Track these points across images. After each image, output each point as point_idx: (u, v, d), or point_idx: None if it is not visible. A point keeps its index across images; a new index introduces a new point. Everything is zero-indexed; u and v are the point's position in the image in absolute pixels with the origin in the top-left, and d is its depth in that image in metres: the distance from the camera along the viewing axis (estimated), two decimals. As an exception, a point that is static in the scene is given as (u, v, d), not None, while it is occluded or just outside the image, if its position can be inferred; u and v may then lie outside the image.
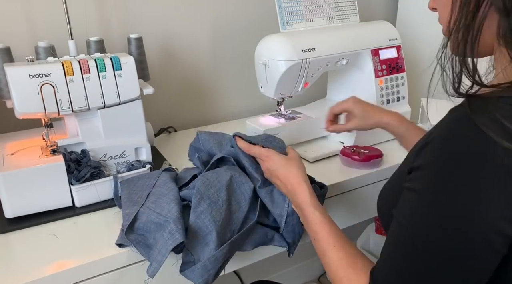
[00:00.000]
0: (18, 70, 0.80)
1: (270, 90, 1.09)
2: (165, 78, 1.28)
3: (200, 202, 0.76)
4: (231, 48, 1.36)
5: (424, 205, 0.53)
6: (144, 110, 0.93)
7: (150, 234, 0.75)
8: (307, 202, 0.74)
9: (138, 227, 0.75)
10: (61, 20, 0.97)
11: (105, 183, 0.87)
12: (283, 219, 0.81)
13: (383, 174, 1.04)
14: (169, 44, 1.26)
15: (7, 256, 0.74)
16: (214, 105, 1.39)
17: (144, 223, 0.75)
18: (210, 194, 0.77)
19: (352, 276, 0.62)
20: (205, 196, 0.77)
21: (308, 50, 1.04)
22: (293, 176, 0.77)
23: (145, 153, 0.94)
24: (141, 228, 0.75)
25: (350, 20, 1.18)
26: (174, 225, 0.72)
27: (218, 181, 0.80)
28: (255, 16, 1.36)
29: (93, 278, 0.73)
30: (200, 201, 0.76)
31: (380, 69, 1.17)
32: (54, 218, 0.83)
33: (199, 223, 0.74)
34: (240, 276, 1.59)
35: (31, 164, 0.81)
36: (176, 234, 0.71)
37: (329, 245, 0.67)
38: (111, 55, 0.89)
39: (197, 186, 0.78)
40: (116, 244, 0.74)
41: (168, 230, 0.72)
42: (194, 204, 0.76)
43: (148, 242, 0.74)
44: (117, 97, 0.89)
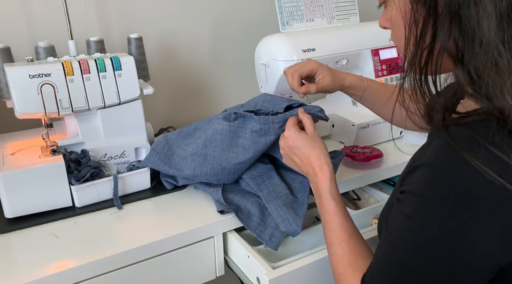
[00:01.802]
0: (18, 70, 0.80)
1: (270, 90, 1.09)
2: (165, 78, 1.27)
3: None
4: (231, 48, 1.36)
5: (412, 230, 0.53)
6: (144, 110, 0.93)
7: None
8: (326, 189, 0.72)
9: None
10: (61, 20, 0.97)
11: (105, 183, 0.87)
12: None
13: (383, 174, 1.04)
14: (169, 44, 1.26)
15: (7, 256, 0.74)
16: (214, 105, 1.39)
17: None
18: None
19: (350, 276, 0.63)
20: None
21: (308, 50, 1.04)
22: (316, 158, 0.75)
23: (145, 153, 0.94)
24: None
25: (350, 20, 1.18)
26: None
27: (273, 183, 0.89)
28: (255, 16, 1.36)
29: (93, 278, 0.73)
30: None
31: (380, 69, 1.17)
32: (54, 218, 0.83)
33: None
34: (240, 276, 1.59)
35: (31, 164, 0.81)
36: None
37: (336, 239, 0.67)
38: (111, 55, 0.89)
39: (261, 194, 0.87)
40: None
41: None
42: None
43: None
44: (117, 97, 0.89)
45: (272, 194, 0.86)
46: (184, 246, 0.81)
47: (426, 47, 0.54)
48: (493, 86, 0.49)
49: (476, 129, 0.50)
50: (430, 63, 0.55)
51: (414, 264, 0.52)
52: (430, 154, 0.53)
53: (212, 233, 0.83)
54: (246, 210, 0.85)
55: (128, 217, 0.85)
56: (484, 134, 0.49)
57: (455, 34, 0.51)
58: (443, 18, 0.51)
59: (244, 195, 0.88)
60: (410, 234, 0.53)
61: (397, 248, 0.55)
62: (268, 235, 0.82)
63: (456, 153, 0.49)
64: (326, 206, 0.71)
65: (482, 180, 0.48)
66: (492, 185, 0.47)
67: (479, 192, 0.48)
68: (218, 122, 0.90)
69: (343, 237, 0.67)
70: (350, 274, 0.63)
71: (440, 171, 0.51)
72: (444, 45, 0.52)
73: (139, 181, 0.92)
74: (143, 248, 0.76)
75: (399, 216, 0.56)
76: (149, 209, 0.88)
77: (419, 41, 0.55)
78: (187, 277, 0.84)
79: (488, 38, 0.49)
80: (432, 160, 0.52)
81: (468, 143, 0.49)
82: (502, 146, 0.48)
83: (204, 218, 0.83)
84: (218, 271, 0.88)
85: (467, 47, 0.50)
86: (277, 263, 0.79)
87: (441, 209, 0.50)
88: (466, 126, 0.51)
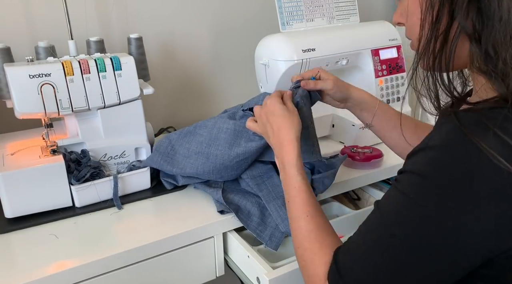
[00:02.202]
0: (18, 70, 0.80)
1: (270, 90, 1.09)
2: (165, 78, 1.27)
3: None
4: (231, 48, 1.36)
5: (410, 208, 0.53)
6: (144, 110, 0.93)
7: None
8: (292, 162, 0.71)
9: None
10: (61, 20, 0.97)
11: (105, 183, 0.87)
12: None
13: (383, 174, 1.04)
14: (169, 44, 1.26)
15: (7, 256, 0.74)
16: (214, 105, 1.39)
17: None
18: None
19: (317, 250, 0.62)
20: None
21: (308, 50, 1.04)
22: (286, 130, 0.74)
23: (145, 153, 0.94)
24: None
25: (350, 20, 1.18)
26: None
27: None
28: (255, 16, 1.36)
29: (93, 278, 0.73)
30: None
31: (380, 69, 1.17)
32: (54, 218, 0.83)
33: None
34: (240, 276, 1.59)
35: (31, 164, 0.81)
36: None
37: (302, 213, 0.66)
38: (111, 55, 0.89)
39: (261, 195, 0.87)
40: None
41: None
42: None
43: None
44: (117, 97, 0.89)
45: (272, 194, 0.86)
46: (184, 246, 0.81)
47: (442, 31, 0.54)
48: (510, 61, 0.50)
49: (486, 114, 0.51)
50: (445, 48, 0.55)
51: (406, 242, 0.52)
52: (438, 138, 0.53)
53: (212, 233, 0.83)
54: (246, 210, 0.85)
55: (128, 217, 0.85)
56: (493, 119, 0.50)
57: (473, 14, 0.52)
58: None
59: (244, 195, 0.88)
60: (405, 211, 0.53)
61: (390, 225, 0.54)
62: (268, 235, 0.82)
63: (464, 137, 0.50)
64: (292, 181, 0.70)
65: (488, 164, 0.48)
66: (497, 169, 0.47)
67: (484, 176, 0.48)
68: (223, 120, 0.90)
69: (308, 211, 0.66)
70: (317, 249, 0.62)
71: (446, 153, 0.51)
72: (462, 24, 0.52)
73: (139, 181, 0.92)
74: (143, 248, 0.76)
75: (395, 194, 0.55)
76: (149, 209, 0.88)
77: (435, 24, 0.55)
78: (187, 277, 0.84)
79: (507, 15, 0.50)
80: (439, 143, 0.53)
81: (477, 127, 0.50)
82: (510, 131, 0.49)
83: (204, 218, 0.83)
84: (218, 271, 0.88)
85: (486, 25, 0.51)
86: (277, 263, 0.79)
87: (443, 191, 0.50)
88: (475, 112, 0.52)
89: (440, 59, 0.56)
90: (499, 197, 0.48)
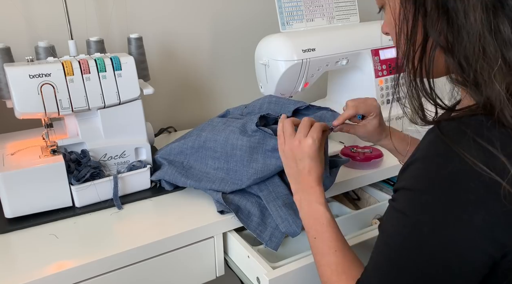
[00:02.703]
0: (18, 70, 0.80)
1: (270, 90, 1.09)
2: (165, 78, 1.28)
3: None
4: (231, 48, 1.36)
5: (407, 226, 0.53)
6: (144, 110, 0.93)
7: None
8: (322, 201, 0.73)
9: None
10: (61, 20, 0.97)
11: (105, 183, 0.87)
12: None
13: (383, 174, 1.04)
14: (169, 44, 1.26)
15: (7, 256, 0.74)
16: (214, 105, 1.39)
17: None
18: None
19: (343, 283, 0.63)
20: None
21: (308, 50, 1.04)
22: (316, 174, 0.75)
23: (145, 153, 0.94)
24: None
25: (350, 20, 1.18)
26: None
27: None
28: (255, 16, 1.36)
29: (93, 278, 0.73)
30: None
31: (380, 69, 1.17)
32: (54, 218, 0.83)
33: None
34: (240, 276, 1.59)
35: (31, 164, 0.81)
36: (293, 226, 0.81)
37: (330, 249, 0.68)
38: (111, 55, 0.89)
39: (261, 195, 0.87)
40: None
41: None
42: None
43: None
44: (117, 97, 0.89)
45: (272, 194, 0.86)
46: (184, 246, 0.81)
47: (420, 44, 0.56)
48: (481, 72, 0.51)
49: (466, 123, 0.52)
50: (424, 58, 0.56)
51: (409, 260, 0.53)
52: (422, 149, 0.54)
53: (212, 233, 0.83)
54: (246, 210, 0.85)
55: (128, 217, 0.85)
56: (472, 127, 0.51)
57: (443, 27, 0.53)
58: (431, 12, 0.54)
59: (244, 195, 0.88)
60: (404, 230, 0.54)
61: (392, 245, 0.55)
62: (268, 235, 0.82)
63: (446, 146, 0.51)
64: (322, 217, 0.72)
65: (471, 172, 0.49)
66: (481, 177, 0.48)
67: (469, 184, 0.49)
68: (235, 137, 0.89)
69: (337, 246, 0.67)
70: (344, 281, 0.63)
71: (431, 164, 0.52)
72: (435, 38, 0.54)
73: (139, 181, 0.92)
74: (143, 248, 0.76)
75: (393, 214, 0.56)
76: (149, 209, 0.88)
77: (410, 38, 0.56)
78: (187, 277, 0.84)
79: (475, 28, 0.51)
80: (423, 154, 0.54)
81: (457, 136, 0.51)
82: (490, 138, 0.49)
83: (204, 218, 0.83)
84: (218, 271, 0.88)
85: (456, 38, 0.52)
86: (277, 263, 0.79)
87: (433, 202, 0.51)
88: (456, 120, 0.53)
89: (421, 68, 0.57)
90: (485, 202, 0.49)
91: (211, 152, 0.91)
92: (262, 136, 0.87)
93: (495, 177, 0.48)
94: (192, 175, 0.91)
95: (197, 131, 0.96)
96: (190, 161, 0.94)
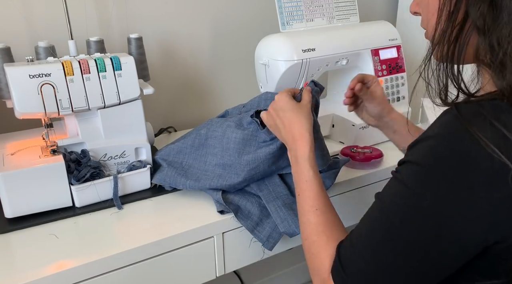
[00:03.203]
0: (18, 70, 0.80)
1: (270, 90, 1.09)
2: (165, 78, 1.27)
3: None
4: (231, 48, 1.36)
5: (408, 198, 0.54)
6: (144, 110, 0.93)
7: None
8: (305, 156, 0.72)
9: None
10: (61, 20, 0.97)
11: (105, 183, 0.87)
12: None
13: (383, 174, 1.04)
14: (169, 44, 1.26)
15: (7, 256, 0.74)
16: (214, 105, 1.39)
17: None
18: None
19: (323, 244, 0.62)
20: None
21: (308, 50, 1.04)
22: (299, 125, 0.75)
23: (145, 153, 0.94)
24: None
25: (350, 20, 1.18)
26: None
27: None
28: (255, 16, 1.36)
29: (93, 278, 0.73)
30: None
31: (380, 69, 1.17)
32: (54, 218, 0.83)
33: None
34: (240, 276, 1.59)
35: (31, 164, 0.81)
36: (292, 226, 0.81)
37: (311, 207, 0.67)
38: (111, 55, 0.89)
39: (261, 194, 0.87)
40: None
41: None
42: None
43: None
44: (117, 97, 0.89)
45: (272, 194, 0.86)
46: (184, 246, 0.81)
47: (459, 23, 0.56)
48: (510, 53, 0.52)
49: (484, 106, 0.52)
50: (459, 39, 0.56)
51: (401, 230, 0.53)
52: (437, 128, 0.55)
53: (212, 233, 0.83)
54: (246, 210, 0.85)
55: (128, 217, 0.85)
56: (490, 110, 0.51)
57: (485, 8, 0.53)
58: None
59: (244, 195, 0.88)
60: (403, 200, 0.54)
61: (387, 213, 0.55)
62: (266, 236, 0.83)
63: (462, 127, 0.51)
64: (304, 174, 0.71)
65: (484, 154, 0.49)
66: (492, 159, 0.48)
67: (479, 165, 0.49)
68: (231, 130, 0.90)
69: (318, 205, 0.67)
70: (324, 242, 0.62)
71: (444, 142, 0.52)
72: (474, 18, 0.54)
73: (139, 181, 0.92)
74: (143, 248, 0.76)
75: (395, 184, 0.57)
76: (149, 209, 0.88)
77: (451, 15, 0.56)
78: (187, 277, 0.84)
79: None
80: (437, 132, 0.54)
81: (474, 117, 0.51)
82: (506, 122, 0.50)
83: (204, 218, 0.83)
84: (218, 271, 0.88)
85: (495, 19, 0.53)
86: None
87: (439, 179, 0.51)
88: (474, 103, 0.53)
89: (454, 50, 0.57)
90: (492, 185, 0.49)
91: (210, 149, 0.92)
92: (255, 129, 0.87)
93: (506, 161, 0.48)
94: (192, 174, 0.91)
95: (196, 130, 0.96)
96: (189, 160, 0.94)
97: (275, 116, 0.79)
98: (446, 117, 0.54)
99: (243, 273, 1.60)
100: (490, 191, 0.49)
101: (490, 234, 0.51)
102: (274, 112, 0.79)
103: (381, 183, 1.04)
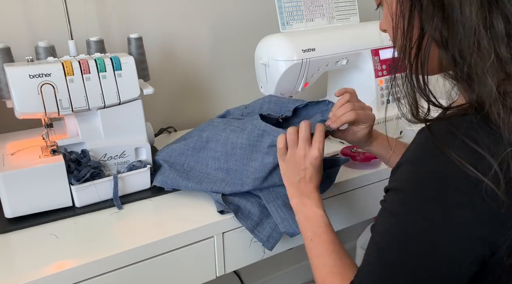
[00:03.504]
0: (18, 70, 0.80)
1: (270, 90, 1.09)
2: (165, 78, 1.28)
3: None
4: (231, 48, 1.36)
5: (395, 225, 0.54)
6: (144, 110, 0.93)
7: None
8: (319, 205, 0.75)
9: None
10: (61, 20, 0.97)
11: (105, 183, 0.87)
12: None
13: (383, 174, 1.04)
14: (169, 44, 1.26)
15: (7, 256, 0.74)
16: (214, 105, 1.39)
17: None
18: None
19: (337, 283, 0.64)
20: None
21: (308, 50, 1.04)
22: (316, 179, 0.77)
23: (145, 153, 0.94)
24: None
25: (350, 20, 1.18)
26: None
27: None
28: (255, 16, 1.36)
29: (93, 278, 0.73)
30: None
31: (380, 69, 1.17)
32: (54, 218, 0.83)
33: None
34: (240, 276, 1.59)
35: (31, 164, 0.81)
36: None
37: (327, 251, 0.69)
38: (111, 55, 0.89)
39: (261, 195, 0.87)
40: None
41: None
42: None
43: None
44: (117, 97, 0.89)
45: (272, 194, 0.86)
46: (184, 246, 0.81)
47: (416, 39, 0.56)
48: (475, 66, 0.52)
49: (455, 123, 0.52)
50: (419, 54, 0.57)
51: (399, 261, 0.53)
52: (412, 150, 0.55)
53: (212, 233, 0.83)
54: (247, 210, 0.85)
55: (128, 217, 0.85)
56: (461, 127, 0.51)
57: (439, 22, 0.53)
58: (427, 7, 0.54)
59: (244, 195, 0.88)
60: (394, 231, 0.54)
61: (383, 246, 0.56)
62: (266, 236, 0.83)
63: (435, 147, 0.51)
64: (319, 220, 0.73)
65: (459, 173, 0.49)
66: (469, 177, 0.49)
67: (457, 185, 0.50)
68: (235, 135, 0.89)
69: (333, 249, 0.69)
70: (339, 282, 0.64)
71: (420, 165, 0.53)
72: (430, 33, 0.54)
73: (139, 181, 0.92)
74: (143, 248, 0.76)
75: (384, 214, 0.57)
76: (149, 209, 0.88)
77: (406, 33, 0.57)
78: (187, 277, 0.84)
79: (470, 23, 0.51)
80: (413, 156, 0.55)
81: (446, 136, 0.51)
82: (478, 139, 0.50)
83: (204, 218, 0.83)
84: (218, 271, 0.88)
85: (451, 32, 0.53)
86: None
87: (422, 203, 0.52)
88: (446, 120, 0.53)
89: (416, 64, 0.57)
90: (474, 204, 0.49)
91: (212, 153, 0.91)
92: (260, 134, 0.87)
93: (481, 177, 0.48)
94: (193, 176, 0.91)
95: (198, 132, 0.96)
96: (191, 163, 0.94)
97: (301, 164, 0.77)
98: (420, 138, 0.55)
99: (243, 273, 1.60)
100: (472, 208, 0.49)
101: (482, 249, 0.51)
102: (306, 162, 0.77)
103: (381, 183, 1.04)
